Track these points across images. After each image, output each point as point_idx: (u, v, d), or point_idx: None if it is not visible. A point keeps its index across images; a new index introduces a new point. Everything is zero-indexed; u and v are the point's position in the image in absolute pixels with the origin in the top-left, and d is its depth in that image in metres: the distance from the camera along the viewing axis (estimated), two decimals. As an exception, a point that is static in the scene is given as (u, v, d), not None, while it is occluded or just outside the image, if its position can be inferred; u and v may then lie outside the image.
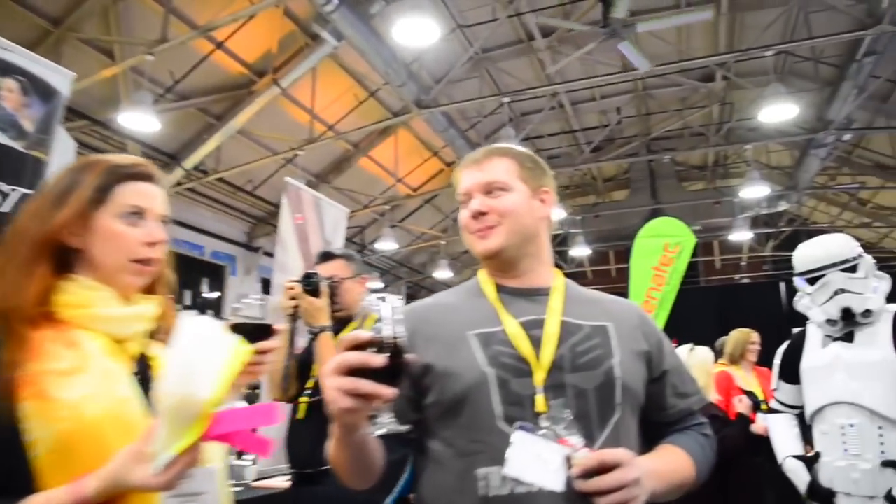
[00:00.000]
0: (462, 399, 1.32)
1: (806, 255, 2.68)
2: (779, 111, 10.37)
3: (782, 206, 16.59)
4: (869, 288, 2.55)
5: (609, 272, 20.94)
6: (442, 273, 18.04)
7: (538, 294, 1.47)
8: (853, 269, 2.60)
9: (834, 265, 2.60)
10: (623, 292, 7.08)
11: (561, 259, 20.97)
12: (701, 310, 7.16)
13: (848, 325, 2.52)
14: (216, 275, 13.56)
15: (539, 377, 1.32)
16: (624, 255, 9.83)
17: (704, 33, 12.55)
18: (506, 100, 11.61)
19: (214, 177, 12.08)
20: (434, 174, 16.52)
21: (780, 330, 5.17)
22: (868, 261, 2.65)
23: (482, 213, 1.46)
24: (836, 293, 2.54)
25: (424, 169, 16.22)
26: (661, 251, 6.92)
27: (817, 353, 2.62)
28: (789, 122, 13.13)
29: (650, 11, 10.67)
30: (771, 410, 2.92)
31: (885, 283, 2.62)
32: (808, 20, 10.83)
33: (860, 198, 18.34)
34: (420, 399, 1.38)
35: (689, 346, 3.31)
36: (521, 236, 1.47)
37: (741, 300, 6.99)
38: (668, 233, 7.17)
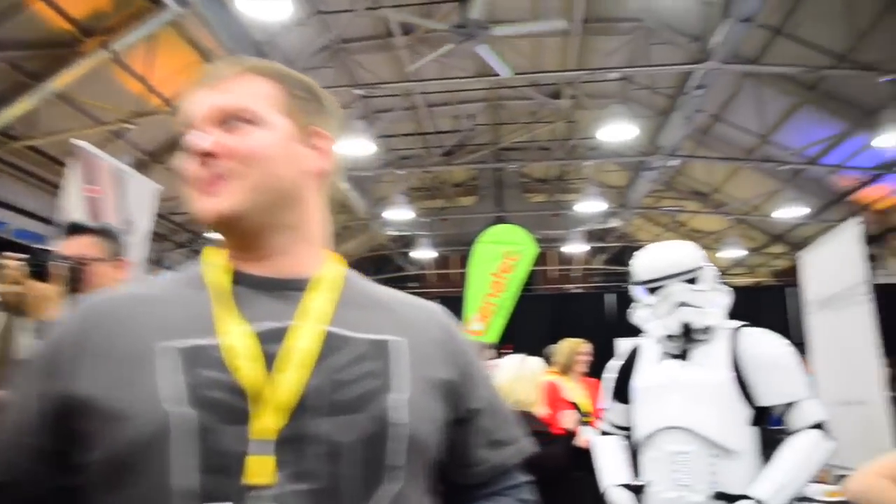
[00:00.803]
0: (131, 460, 0.79)
1: (648, 262, 2.40)
2: (617, 132, 10.79)
3: (613, 223, 17.52)
4: (709, 302, 2.33)
5: (451, 276, 21.17)
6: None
7: (293, 288, 0.94)
8: (695, 280, 2.35)
9: (677, 275, 2.33)
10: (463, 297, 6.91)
11: (405, 261, 20.88)
12: (534, 317, 7.14)
13: (687, 341, 2.30)
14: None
15: (263, 424, 0.81)
16: (467, 261, 9.81)
17: (556, 52, 12.90)
18: (358, 92, 11.21)
19: (25, 144, 10.66)
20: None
21: (606, 341, 5.19)
22: (710, 272, 2.41)
23: (210, 156, 0.90)
24: (676, 306, 2.29)
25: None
26: (501, 258, 6.83)
27: (652, 371, 2.37)
28: (625, 144, 13.84)
29: (508, 22, 10.75)
30: (602, 432, 2.62)
31: (725, 296, 2.41)
32: (648, 51, 11.41)
33: (679, 220, 19.81)
34: (71, 454, 0.83)
35: (521, 356, 3.11)
36: (274, 195, 0.93)
37: (572, 309, 7.10)
38: (508, 240, 7.09)
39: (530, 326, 6.98)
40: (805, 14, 10.99)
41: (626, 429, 2.48)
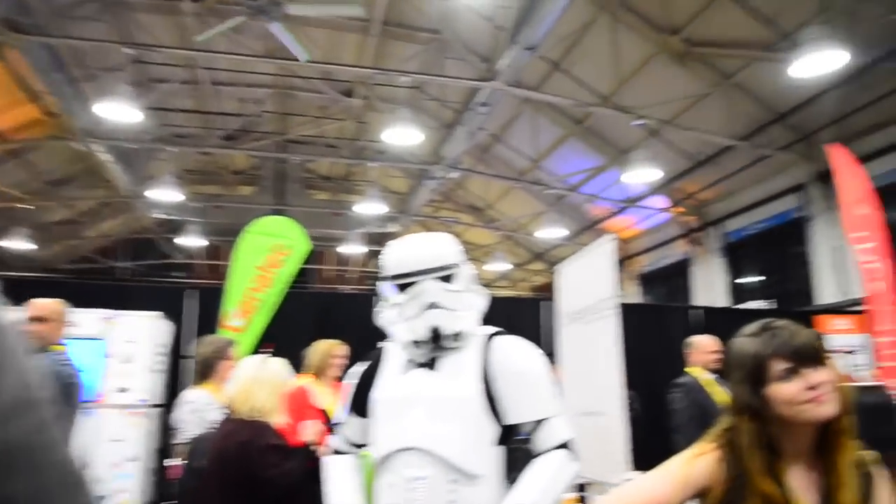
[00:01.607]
0: None
1: (399, 254, 2.06)
2: (403, 137, 10.73)
3: (392, 228, 17.59)
4: (463, 304, 2.03)
5: (222, 268, 19.88)
6: (19, 244, 15.03)
7: None
8: (451, 279, 2.04)
9: (430, 271, 2.00)
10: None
11: (171, 248, 19.20)
12: (303, 316, 6.70)
13: (436, 348, 1.98)
14: None
15: None
16: (236, 250, 9.11)
17: (353, 49, 12.62)
18: (129, 51, 9.96)
19: None
20: (28, 123, 13.55)
21: (374, 345, 4.92)
22: (467, 271, 2.12)
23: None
24: (428, 307, 1.96)
25: (15, 113, 13.20)
26: (269, 251, 6.30)
27: (394, 381, 2.02)
28: (411, 151, 13.93)
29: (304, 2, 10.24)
30: (334, 451, 2.19)
31: (480, 299, 2.13)
32: (442, 63, 11.57)
33: (454, 231, 20.51)
34: None
35: (262, 356, 2.70)
36: None
37: (343, 310, 6.81)
38: (279, 233, 6.57)
39: (297, 326, 6.52)
40: (580, 54, 11.86)
41: (363, 446, 2.13)
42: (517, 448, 1.92)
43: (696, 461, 1.46)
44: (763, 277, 13.33)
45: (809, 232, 11.68)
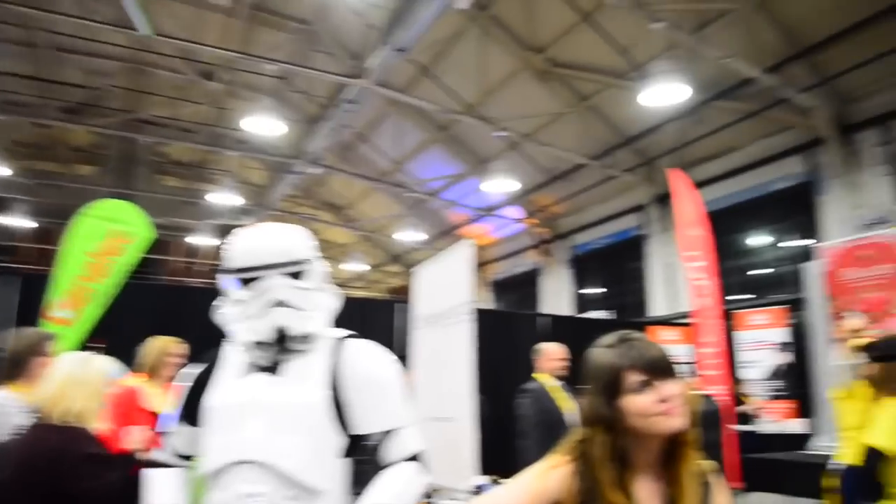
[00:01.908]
0: None
1: (244, 246, 1.83)
2: (265, 126, 10.28)
3: (246, 221, 16.83)
4: (314, 304, 1.85)
5: (54, 253, 18.08)
6: None
7: None
8: (300, 275, 1.85)
9: (278, 265, 1.80)
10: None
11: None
12: (143, 311, 6.15)
13: (280, 350, 1.79)
14: None
15: None
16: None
17: (218, 31, 11.93)
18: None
19: None
20: None
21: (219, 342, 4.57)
22: (319, 268, 1.93)
23: None
24: (273, 305, 1.77)
25: None
26: (107, 237, 5.70)
27: (231, 386, 1.79)
28: (272, 143, 13.41)
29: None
30: (154, 464, 1.95)
31: (332, 299, 1.95)
32: (310, 56, 11.22)
33: (312, 228, 20.03)
34: None
35: (87, 353, 2.38)
36: None
37: (190, 305, 6.29)
38: (118, 218, 5.94)
39: (137, 320, 5.96)
40: (449, 62, 11.99)
41: (193, 458, 1.87)
42: (364, 460, 1.79)
43: (550, 474, 1.43)
44: (604, 289, 14.16)
45: (646, 249, 12.55)
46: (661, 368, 1.39)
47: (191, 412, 1.85)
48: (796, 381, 8.01)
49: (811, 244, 9.54)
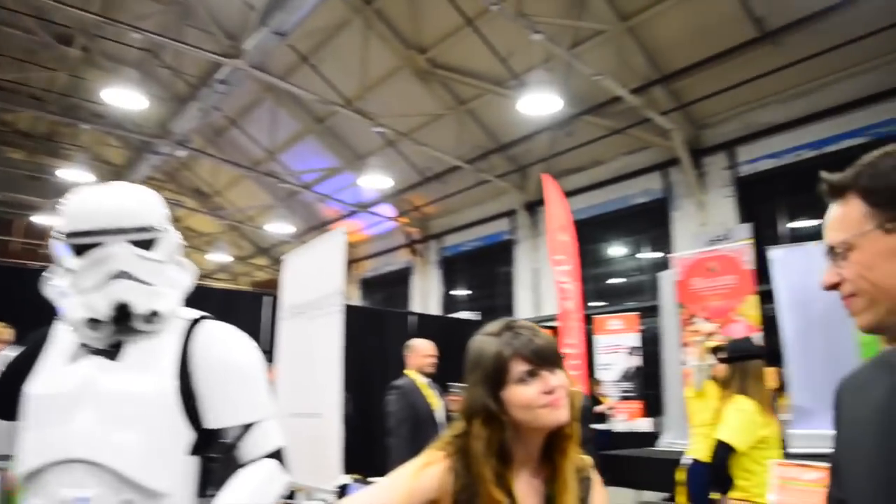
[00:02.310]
0: None
1: (80, 205, 1.52)
2: (127, 100, 9.44)
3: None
4: (164, 278, 1.58)
5: None
6: None
7: None
8: (149, 245, 1.55)
9: (121, 231, 1.49)
10: None
11: None
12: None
13: (121, 330, 1.49)
14: None
15: None
16: None
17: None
18: None
19: None
20: None
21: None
22: (172, 238, 1.64)
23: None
24: (114, 276, 1.47)
25: None
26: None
27: (57, 372, 1.48)
28: (134, 120, 12.42)
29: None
30: None
31: (186, 276, 1.69)
32: (182, 29, 10.47)
33: (176, 215, 18.83)
34: None
35: None
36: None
37: (26, 289, 5.56)
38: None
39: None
40: (330, 52, 11.65)
41: (8, 458, 1.53)
42: (217, 458, 1.55)
43: (424, 472, 1.29)
44: (473, 291, 14.35)
45: (515, 254, 12.85)
46: (547, 358, 1.30)
47: (7, 403, 1.52)
48: (645, 383, 8.47)
49: (665, 256, 10.16)
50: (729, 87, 8.98)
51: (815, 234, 7.54)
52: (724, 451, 2.88)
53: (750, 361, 3.07)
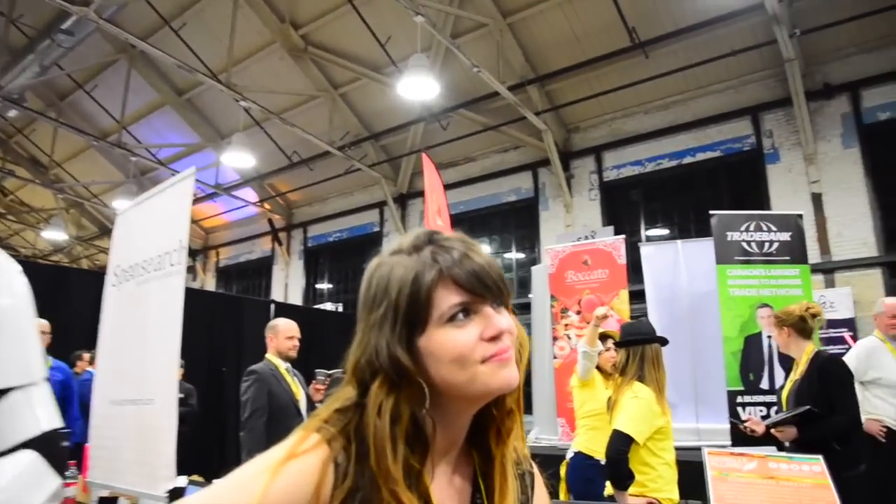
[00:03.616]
0: None
1: None
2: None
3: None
4: None
5: None
6: None
7: None
8: None
9: None
10: None
11: None
12: None
13: None
14: None
15: None
16: None
17: None
18: None
19: None
20: None
21: None
22: None
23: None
24: None
25: None
26: None
27: None
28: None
29: None
30: None
31: None
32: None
33: (6, 187, 16.51)
34: None
35: None
36: None
37: None
38: None
39: None
40: (196, 18, 10.58)
41: None
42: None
43: (289, 467, 0.76)
44: (337, 284, 13.65)
45: (383, 247, 12.31)
46: (491, 286, 0.81)
47: None
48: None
49: (533, 254, 10.08)
50: (600, 94, 9.06)
51: (670, 240, 7.80)
52: (622, 443, 2.56)
53: (647, 345, 2.79)
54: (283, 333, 3.75)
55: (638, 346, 2.78)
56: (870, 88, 7.69)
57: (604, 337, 3.93)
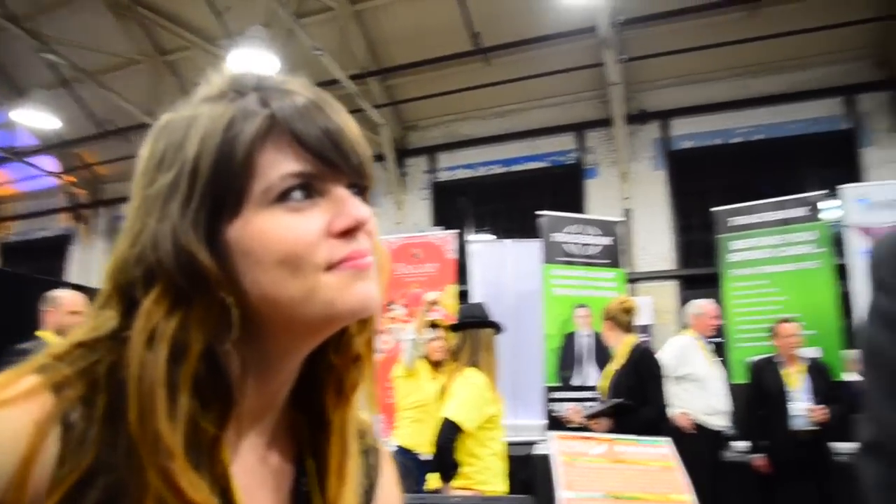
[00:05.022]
0: None
1: None
2: None
3: None
4: None
5: None
6: None
7: None
8: None
9: None
10: None
11: None
12: None
13: None
14: None
15: None
16: None
17: None
18: None
19: None
20: None
21: None
22: None
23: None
24: None
25: None
26: None
27: None
28: None
29: None
30: None
31: None
32: None
33: None
34: None
35: None
36: None
37: None
38: None
39: None
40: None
41: None
42: None
43: None
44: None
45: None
46: (347, 155, 0.54)
47: None
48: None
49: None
50: (440, 94, 9.06)
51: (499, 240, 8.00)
52: (451, 432, 2.38)
53: (483, 330, 2.65)
54: (63, 308, 3.14)
55: (475, 331, 2.64)
56: (679, 118, 8.43)
57: (432, 326, 3.77)
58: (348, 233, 0.51)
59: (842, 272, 4.91)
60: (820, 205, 5.18)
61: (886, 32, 7.37)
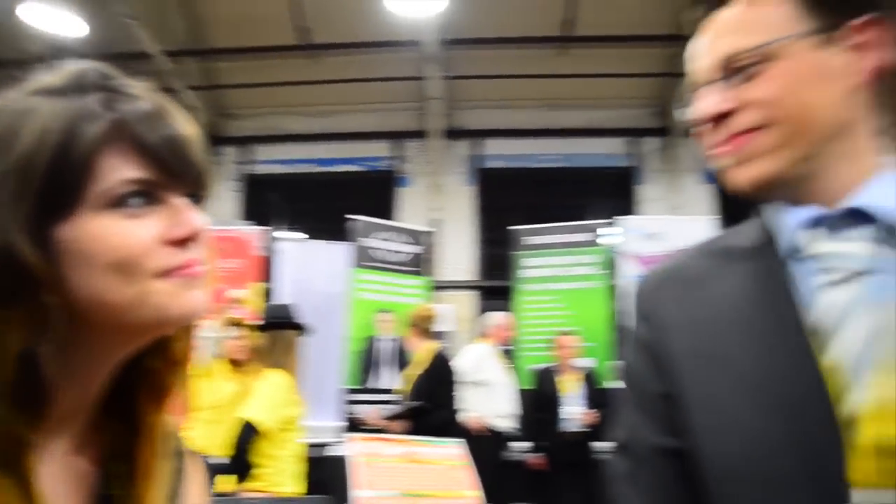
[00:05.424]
0: None
1: None
2: None
3: None
4: None
5: None
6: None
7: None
8: None
9: None
10: None
11: None
12: None
13: None
14: None
15: None
16: None
17: None
18: None
19: None
20: None
21: None
22: None
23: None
24: None
25: None
26: None
27: None
28: None
29: None
30: None
31: None
32: None
33: None
34: None
35: None
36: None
37: None
38: None
39: None
40: None
41: None
42: None
43: None
44: None
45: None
46: (189, 166, 0.54)
47: None
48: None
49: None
50: (261, 84, 8.76)
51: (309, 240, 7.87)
52: (250, 433, 2.33)
53: (289, 331, 2.63)
54: None
55: (280, 332, 2.61)
56: (491, 139, 8.98)
57: (234, 324, 3.64)
58: (183, 242, 0.52)
59: (616, 292, 5.58)
60: (601, 231, 5.84)
61: (664, 87, 8.50)
